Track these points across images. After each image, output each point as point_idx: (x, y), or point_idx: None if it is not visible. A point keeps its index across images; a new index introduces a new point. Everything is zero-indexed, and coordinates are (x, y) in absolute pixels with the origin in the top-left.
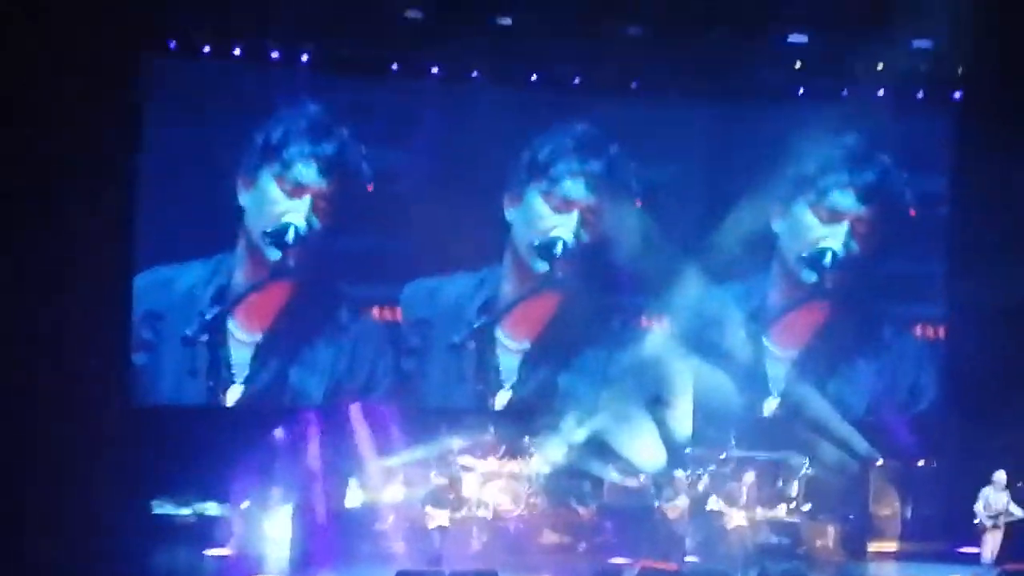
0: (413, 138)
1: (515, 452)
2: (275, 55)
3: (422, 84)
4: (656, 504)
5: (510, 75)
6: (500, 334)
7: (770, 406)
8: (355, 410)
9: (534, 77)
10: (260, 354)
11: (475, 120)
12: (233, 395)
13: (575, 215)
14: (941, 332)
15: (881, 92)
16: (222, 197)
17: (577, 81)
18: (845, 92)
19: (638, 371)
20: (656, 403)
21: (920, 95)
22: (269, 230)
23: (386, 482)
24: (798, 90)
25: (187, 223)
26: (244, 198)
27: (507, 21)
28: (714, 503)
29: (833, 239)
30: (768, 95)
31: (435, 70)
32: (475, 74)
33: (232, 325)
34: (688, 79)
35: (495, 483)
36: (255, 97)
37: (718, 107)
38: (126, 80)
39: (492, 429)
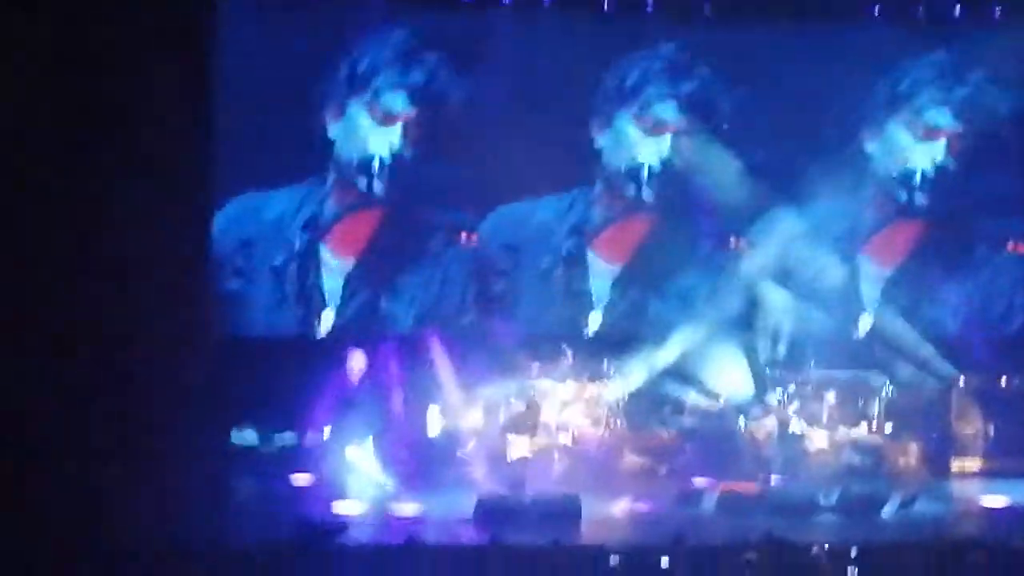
0: (494, 65)
1: (596, 376)
2: None
3: (495, 12)
4: (739, 426)
5: (583, 2)
6: (591, 256)
7: (864, 326)
8: (440, 337)
9: (606, 6)
10: (351, 281)
11: (553, 47)
12: (325, 324)
13: (667, 138)
14: None
15: (958, 10)
16: (310, 127)
17: (650, 8)
18: (921, 10)
19: (727, 296)
20: (744, 327)
21: (997, 13)
22: (359, 158)
23: (467, 408)
24: (874, 10)
25: (275, 151)
26: (333, 128)
27: None
28: (796, 424)
29: (928, 157)
30: (844, 17)
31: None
32: (547, 3)
33: (323, 252)
34: (761, 1)
35: (575, 407)
36: (337, 25)
37: (795, 29)
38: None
39: (571, 353)
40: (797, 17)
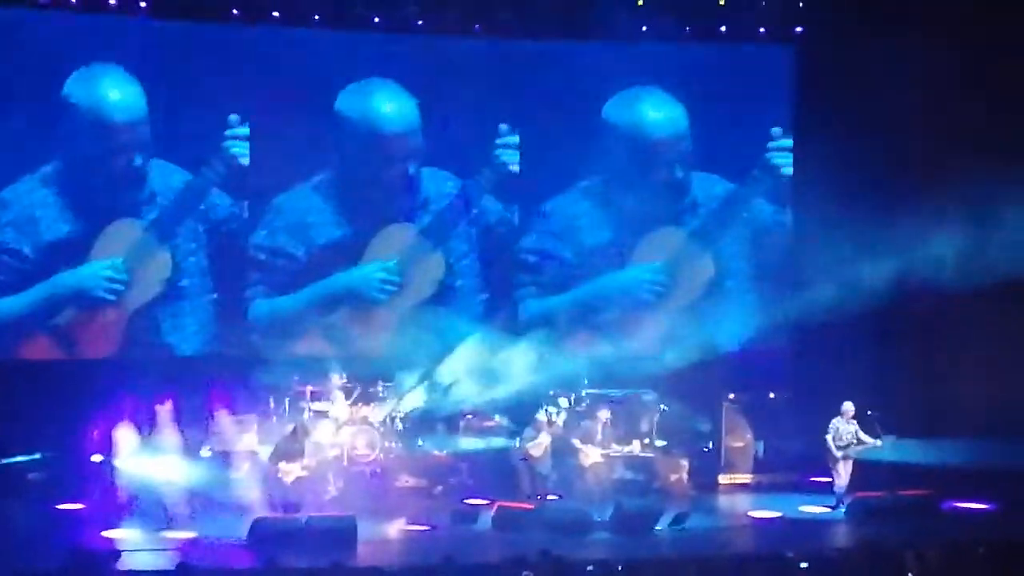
0: None
1: (368, 397)
2: None
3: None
4: (514, 445)
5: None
6: None
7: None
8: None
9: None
10: None
11: None
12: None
13: None
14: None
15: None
16: None
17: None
18: (688, 29)
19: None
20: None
21: (762, 31)
22: None
23: (240, 431)
24: (641, 27)
25: None
26: None
27: None
28: (571, 442)
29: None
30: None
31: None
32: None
33: None
34: (532, 21)
35: (349, 428)
36: None
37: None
38: None
39: (344, 374)
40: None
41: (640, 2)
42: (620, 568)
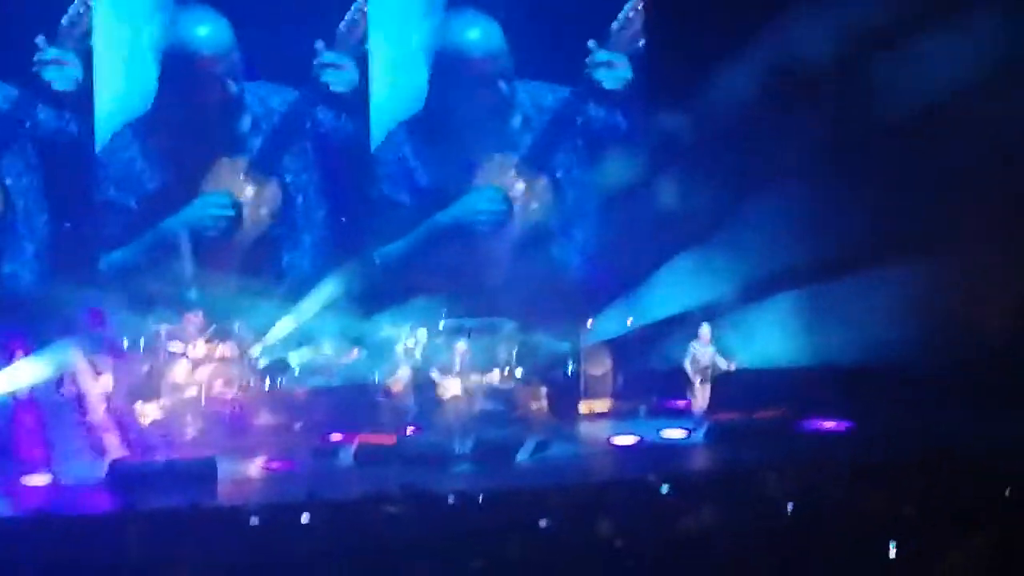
0: None
1: (225, 335)
2: None
3: None
4: (374, 378)
5: None
6: None
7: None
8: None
9: None
10: None
11: None
12: None
13: None
14: None
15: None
16: None
17: None
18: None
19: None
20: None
21: None
22: None
23: (93, 371)
24: None
25: None
26: None
27: None
28: (429, 374)
29: None
30: None
31: None
32: None
33: None
34: None
35: (205, 367)
36: None
37: None
38: None
39: (198, 313)
40: None
41: None
42: (482, 498)
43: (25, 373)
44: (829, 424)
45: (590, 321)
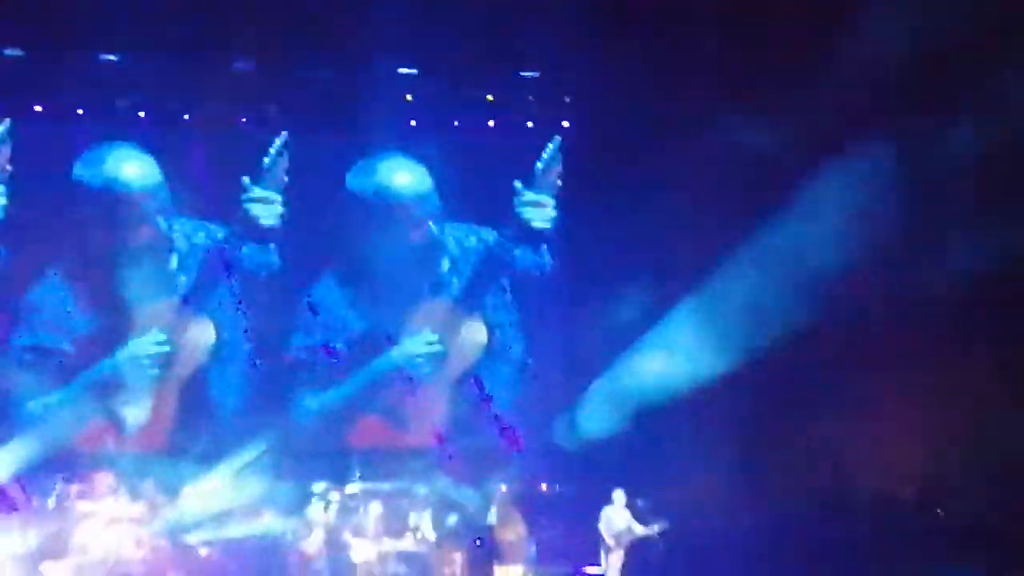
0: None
1: (136, 495)
2: None
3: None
4: (286, 540)
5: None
6: None
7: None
8: None
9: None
10: None
11: None
12: None
13: None
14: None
15: (491, 123)
16: None
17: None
18: (457, 123)
19: None
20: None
21: (530, 124)
22: None
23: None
24: (410, 121)
25: None
26: None
27: (112, 57)
28: (342, 537)
29: None
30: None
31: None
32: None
33: None
34: (296, 114)
35: (115, 526)
36: None
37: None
38: None
39: (111, 471)
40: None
41: (409, 98)
42: None
43: None
44: None
45: (504, 486)
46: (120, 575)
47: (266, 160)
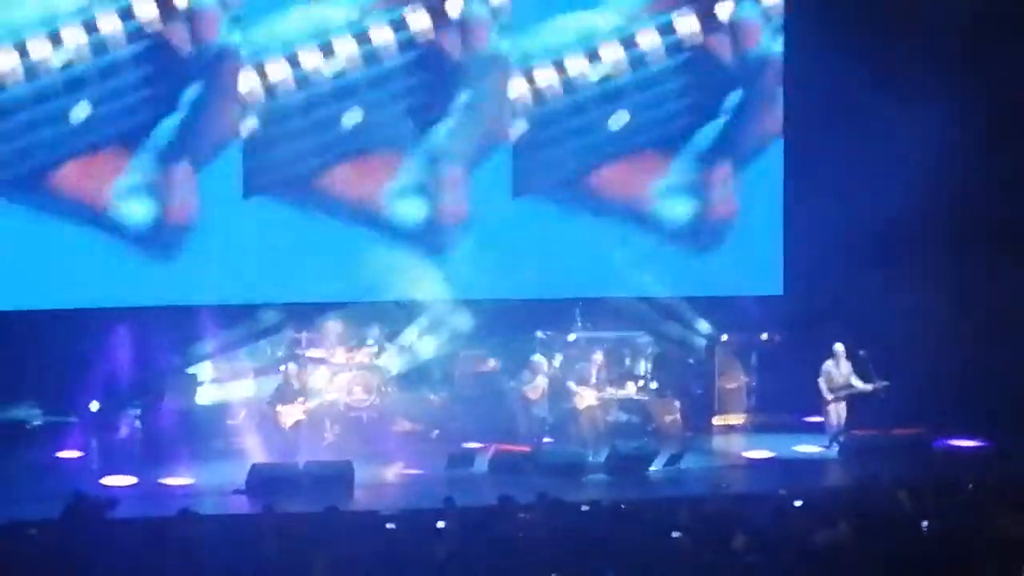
0: None
1: (364, 343)
2: None
3: None
4: (511, 387)
5: None
6: None
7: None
8: (208, 308)
9: None
10: None
11: None
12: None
13: None
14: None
15: None
16: None
17: None
18: None
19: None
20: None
21: None
22: None
23: (235, 378)
24: None
25: None
26: None
27: None
28: (566, 384)
29: None
30: None
31: None
32: None
33: None
34: None
35: (345, 374)
36: None
37: None
38: None
39: (340, 321)
40: None
41: None
42: (614, 508)
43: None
44: (967, 443)
45: (724, 336)
46: (350, 419)
47: None
